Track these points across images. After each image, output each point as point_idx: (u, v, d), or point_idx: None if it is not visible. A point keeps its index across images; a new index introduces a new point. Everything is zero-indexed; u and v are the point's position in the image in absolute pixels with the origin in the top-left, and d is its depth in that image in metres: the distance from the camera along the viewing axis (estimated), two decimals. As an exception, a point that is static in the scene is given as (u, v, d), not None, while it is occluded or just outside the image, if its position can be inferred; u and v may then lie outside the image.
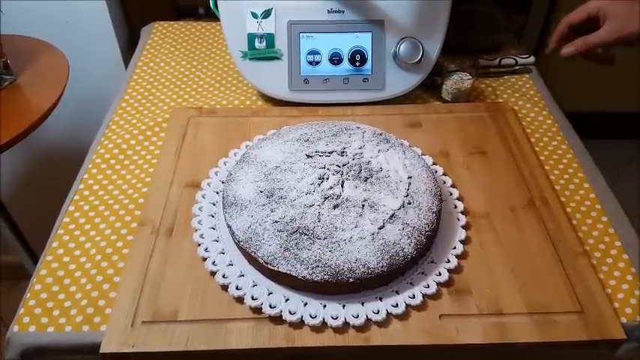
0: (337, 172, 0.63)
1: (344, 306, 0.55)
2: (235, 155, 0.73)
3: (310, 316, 0.54)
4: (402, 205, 0.60)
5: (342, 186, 0.62)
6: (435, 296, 0.57)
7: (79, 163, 0.76)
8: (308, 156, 0.66)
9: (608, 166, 0.82)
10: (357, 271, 0.55)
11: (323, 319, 0.54)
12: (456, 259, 0.60)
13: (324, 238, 0.56)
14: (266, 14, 0.81)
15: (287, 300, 0.56)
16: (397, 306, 0.55)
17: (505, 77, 0.93)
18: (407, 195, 0.61)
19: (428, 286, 0.57)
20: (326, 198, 0.60)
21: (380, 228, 0.58)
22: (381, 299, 0.56)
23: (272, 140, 0.69)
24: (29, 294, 0.58)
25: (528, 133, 0.79)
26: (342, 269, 0.54)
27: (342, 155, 0.66)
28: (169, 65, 0.95)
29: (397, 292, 0.57)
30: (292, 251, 0.56)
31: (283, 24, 0.81)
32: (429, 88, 0.88)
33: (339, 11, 0.81)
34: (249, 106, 0.86)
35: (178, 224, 0.64)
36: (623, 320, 0.56)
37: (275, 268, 0.55)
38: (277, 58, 0.82)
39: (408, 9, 0.81)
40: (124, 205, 0.68)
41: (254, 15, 0.81)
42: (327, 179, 0.62)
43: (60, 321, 0.56)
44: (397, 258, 0.56)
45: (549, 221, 0.65)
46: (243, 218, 0.59)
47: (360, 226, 0.58)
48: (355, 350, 0.53)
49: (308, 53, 0.82)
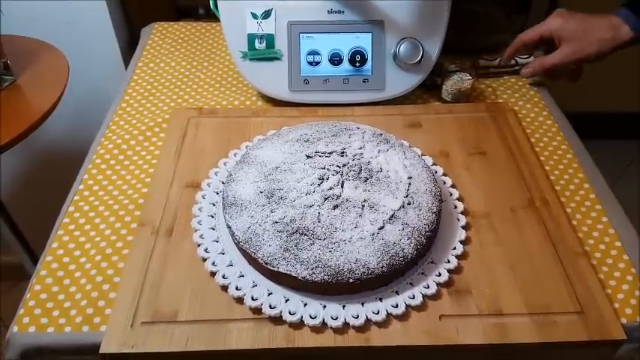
0: (337, 173, 0.63)
1: (344, 306, 0.55)
2: (235, 156, 0.73)
3: (310, 317, 0.54)
4: (402, 206, 0.60)
5: (342, 186, 0.62)
6: (435, 297, 0.57)
7: (79, 164, 0.76)
8: (308, 156, 0.65)
9: (608, 166, 0.82)
10: (357, 272, 0.55)
11: (323, 320, 0.54)
12: (456, 260, 0.60)
13: (324, 239, 0.56)
14: (266, 15, 0.81)
15: (287, 300, 0.56)
16: (397, 306, 0.55)
17: (505, 77, 0.93)
18: (407, 195, 0.61)
19: (428, 287, 0.57)
20: (326, 198, 0.60)
21: (380, 228, 0.58)
22: (381, 300, 0.56)
23: (272, 141, 0.69)
24: (29, 294, 0.58)
25: (528, 134, 0.79)
26: (342, 270, 0.54)
27: (342, 156, 0.66)
28: (169, 66, 0.95)
29: (397, 293, 0.57)
30: (292, 252, 0.56)
31: (283, 24, 0.81)
32: (429, 89, 0.88)
33: (339, 11, 0.81)
34: (249, 107, 0.86)
35: (178, 225, 0.64)
36: (623, 321, 0.56)
37: (275, 269, 0.55)
38: (277, 59, 0.82)
39: (408, 9, 0.81)
40: (124, 206, 0.68)
41: (254, 15, 0.81)
42: (327, 180, 0.62)
43: (60, 321, 0.56)
44: (397, 258, 0.56)
45: (549, 221, 0.65)
46: (243, 219, 0.59)
47: (360, 227, 0.58)
48: (355, 351, 0.53)
49: (308, 54, 0.82)
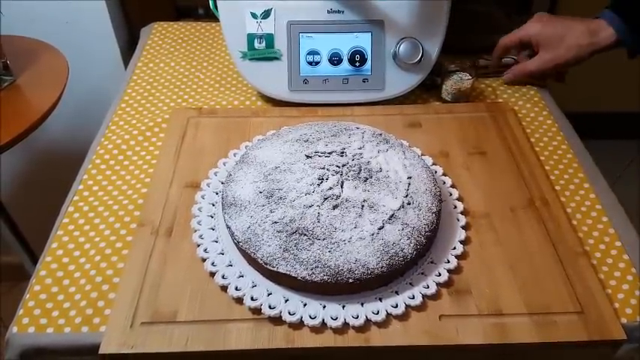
0: (337, 173, 0.63)
1: (343, 306, 0.55)
2: (235, 156, 0.73)
3: (310, 317, 0.54)
4: (402, 206, 0.60)
5: (342, 186, 0.62)
6: (435, 297, 0.57)
7: (79, 164, 0.76)
8: (307, 156, 0.65)
9: (608, 166, 0.81)
10: (357, 272, 0.54)
11: (322, 320, 0.54)
12: (456, 260, 0.60)
13: (324, 239, 0.56)
14: (265, 14, 0.81)
15: (286, 301, 0.56)
16: (397, 306, 0.55)
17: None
18: (406, 195, 0.61)
19: (428, 287, 0.57)
20: (325, 198, 0.60)
21: (379, 228, 0.57)
22: (381, 300, 0.56)
23: (271, 141, 0.69)
24: (28, 295, 0.58)
25: (528, 133, 0.79)
26: (342, 270, 0.54)
27: (342, 156, 0.66)
28: (169, 66, 0.95)
29: (397, 293, 0.57)
30: (292, 252, 0.56)
31: (283, 24, 0.81)
32: (429, 89, 0.88)
33: (339, 11, 0.81)
34: (248, 107, 0.86)
35: (178, 225, 0.64)
36: (623, 321, 0.56)
37: (274, 269, 0.55)
38: (277, 59, 0.82)
39: (408, 9, 0.81)
40: (124, 206, 0.68)
41: (253, 15, 0.81)
42: (327, 180, 0.62)
43: (59, 322, 0.56)
44: (397, 258, 0.56)
45: (549, 221, 0.65)
46: (242, 219, 0.59)
47: (360, 227, 0.58)
48: (355, 351, 0.53)
49: (307, 53, 0.82)
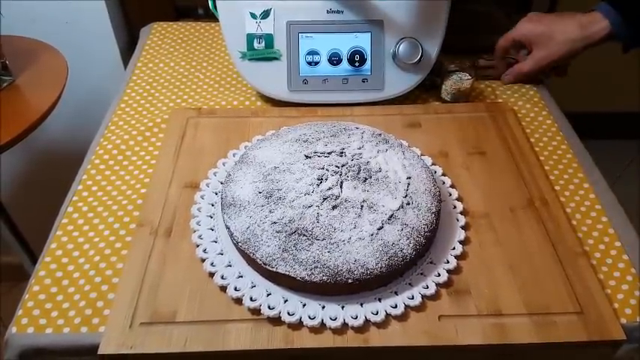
0: (336, 173, 0.63)
1: (343, 307, 0.55)
2: (234, 156, 0.73)
3: (309, 317, 0.54)
4: (401, 206, 0.60)
5: (341, 187, 0.62)
6: (434, 297, 0.57)
7: (79, 164, 0.76)
8: (307, 156, 0.65)
9: (608, 166, 0.81)
10: (356, 272, 0.54)
11: (322, 320, 0.54)
12: (455, 260, 0.60)
13: (323, 239, 0.56)
14: (265, 15, 0.81)
15: (286, 301, 0.56)
16: (396, 307, 0.55)
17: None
18: (406, 195, 0.61)
19: (427, 287, 0.57)
20: (325, 199, 0.60)
21: (379, 229, 0.57)
22: (380, 300, 0.56)
23: (271, 141, 0.69)
24: (27, 295, 0.58)
25: (528, 133, 0.79)
26: (341, 270, 0.54)
27: (341, 156, 0.65)
28: (168, 66, 0.95)
29: (396, 293, 0.57)
30: (291, 252, 0.56)
31: (282, 24, 0.81)
32: (429, 89, 0.88)
33: (338, 11, 0.81)
34: (248, 107, 0.86)
35: (177, 225, 0.64)
36: (622, 321, 0.55)
37: (274, 269, 0.55)
38: (276, 59, 0.82)
39: (407, 9, 0.80)
40: (123, 206, 0.68)
41: (253, 15, 0.81)
42: (326, 180, 0.62)
43: (58, 322, 0.56)
44: (396, 259, 0.56)
45: (549, 221, 0.65)
46: (241, 219, 0.59)
47: (359, 227, 0.57)
48: (354, 351, 0.53)
49: (307, 53, 0.82)
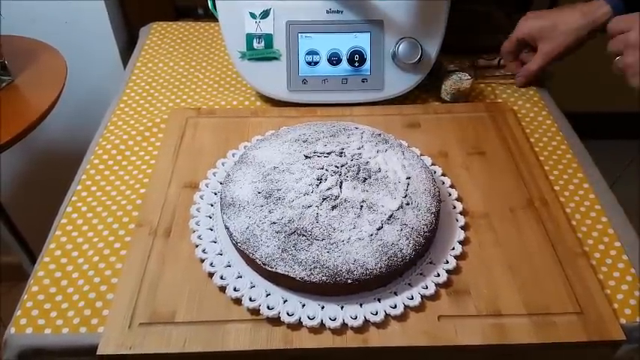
0: (335, 173, 0.63)
1: (342, 307, 0.55)
2: (233, 156, 0.73)
3: (308, 318, 0.54)
4: (401, 206, 0.60)
5: (341, 187, 0.62)
6: (434, 297, 0.57)
7: (78, 164, 0.76)
8: (306, 157, 0.65)
9: (608, 166, 0.81)
10: (356, 272, 0.54)
11: (321, 321, 0.54)
12: (455, 260, 0.60)
13: (322, 239, 0.56)
14: (264, 14, 0.81)
15: (285, 301, 0.56)
16: (395, 307, 0.55)
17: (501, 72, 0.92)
18: (405, 196, 0.61)
19: (426, 287, 0.57)
20: (324, 199, 0.60)
21: (378, 229, 0.57)
22: (380, 300, 0.56)
23: (270, 141, 0.69)
24: (26, 295, 0.58)
25: (528, 133, 0.79)
26: (341, 270, 0.54)
27: (341, 156, 0.65)
28: (168, 66, 0.95)
29: (395, 293, 0.57)
30: (290, 252, 0.55)
31: (282, 24, 0.81)
32: (428, 89, 0.88)
33: (338, 11, 0.81)
34: (247, 107, 0.85)
35: (176, 225, 0.64)
36: (622, 321, 0.55)
37: (273, 270, 0.55)
38: (276, 59, 0.82)
39: (407, 9, 0.80)
40: (122, 206, 0.68)
41: (252, 15, 0.81)
42: (326, 180, 0.62)
43: (57, 322, 0.56)
44: (395, 259, 0.56)
45: (548, 222, 0.65)
46: (241, 219, 0.59)
47: (359, 227, 0.57)
48: (353, 352, 0.53)
49: (307, 53, 0.82)
